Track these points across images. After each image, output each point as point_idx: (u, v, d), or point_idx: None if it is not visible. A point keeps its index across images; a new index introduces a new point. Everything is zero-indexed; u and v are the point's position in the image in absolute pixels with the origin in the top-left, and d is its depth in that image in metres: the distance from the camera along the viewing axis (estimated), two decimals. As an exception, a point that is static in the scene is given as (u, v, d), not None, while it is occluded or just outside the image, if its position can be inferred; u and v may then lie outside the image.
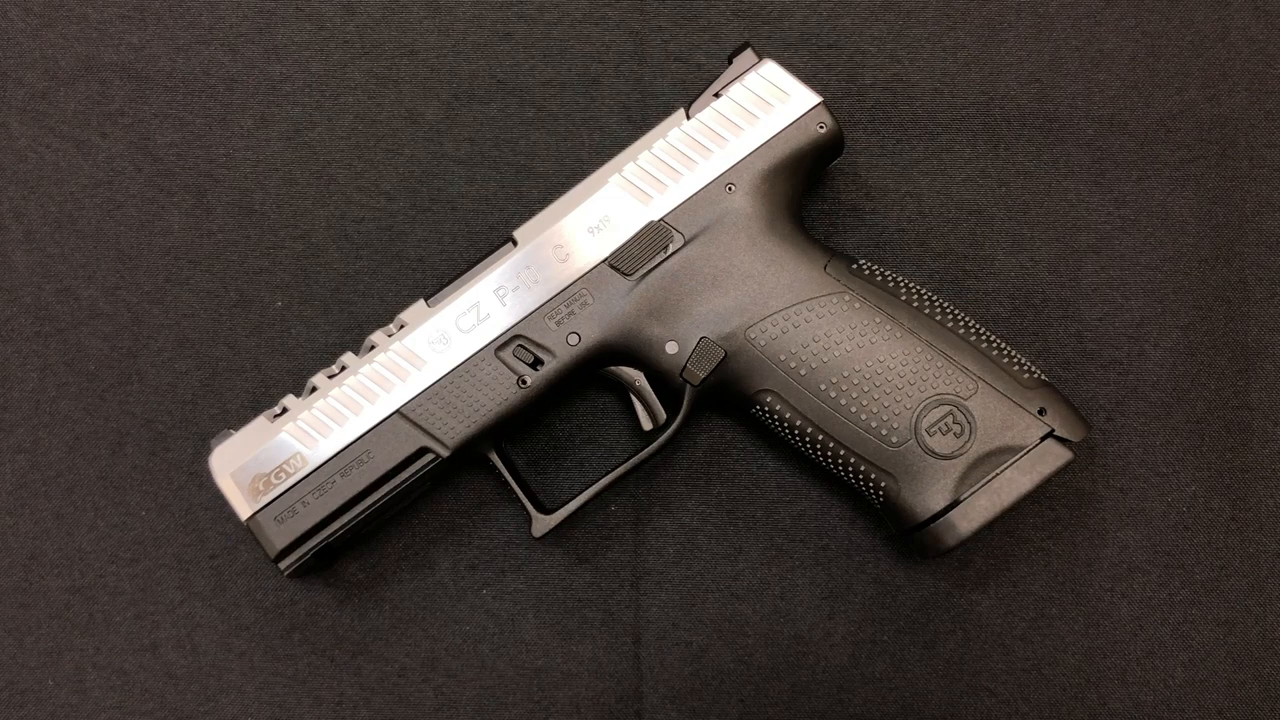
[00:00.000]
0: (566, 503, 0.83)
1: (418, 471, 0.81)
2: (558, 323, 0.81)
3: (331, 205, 0.92)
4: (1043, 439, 0.78)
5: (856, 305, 0.80)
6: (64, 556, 0.89)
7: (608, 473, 0.83)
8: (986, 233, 0.91)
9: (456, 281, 0.82)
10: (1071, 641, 0.87)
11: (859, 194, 0.91)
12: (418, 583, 0.89)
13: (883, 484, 0.79)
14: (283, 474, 0.80)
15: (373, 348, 0.82)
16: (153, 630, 0.89)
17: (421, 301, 0.82)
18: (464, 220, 0.92)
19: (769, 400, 0.80)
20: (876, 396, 0.79)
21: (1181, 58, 0.92)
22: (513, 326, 0.81)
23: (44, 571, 0.89)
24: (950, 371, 0.79)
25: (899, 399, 0.78)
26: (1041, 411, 0.78)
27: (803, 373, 0.79)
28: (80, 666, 0.88)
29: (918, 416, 0.78)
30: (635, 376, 0.84)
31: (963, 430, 0.78)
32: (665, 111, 0.84)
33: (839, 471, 0.81)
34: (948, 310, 0.81)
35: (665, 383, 0.82)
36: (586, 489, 0.83)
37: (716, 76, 0.83)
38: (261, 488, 0.80)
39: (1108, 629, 0.87)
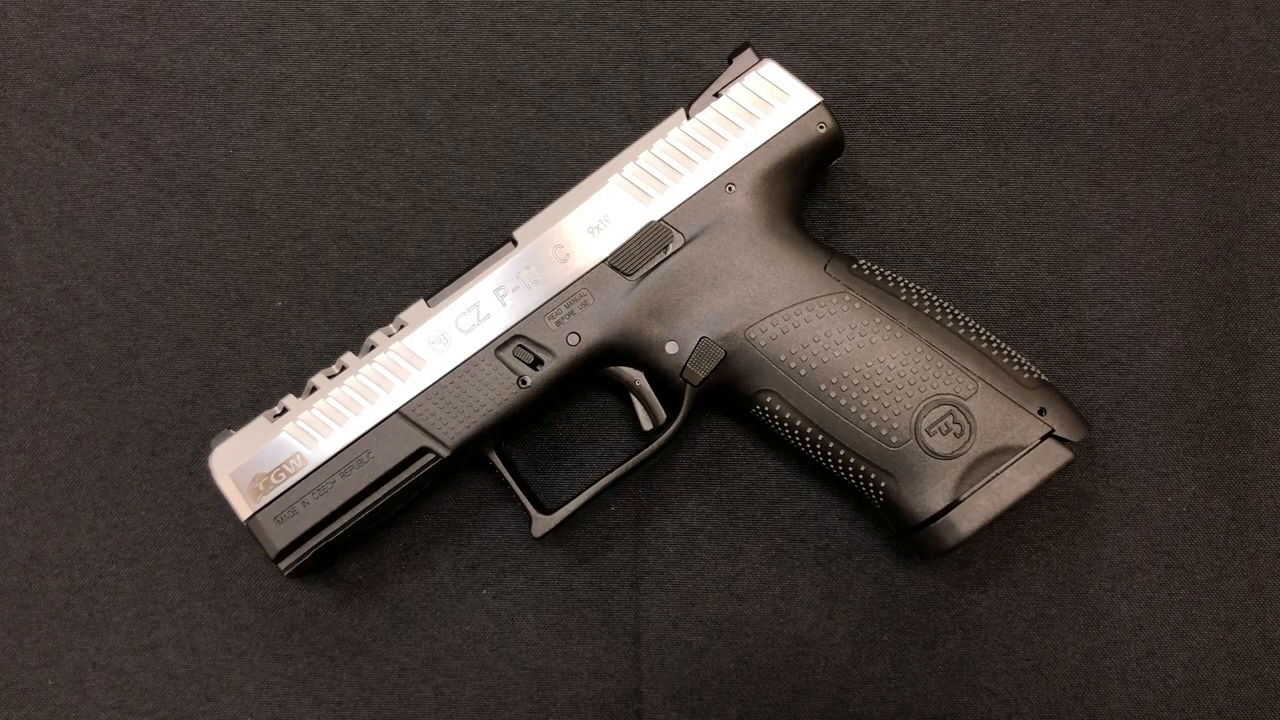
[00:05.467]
0: (566, 503, 0.83)
1: (418, 471, 0.81)
2: (558, 323, 0.81)
3: (331, 205, 0.92)
4: (1043, 439, 0.78)
5: (856, 305, 0.79)
6: (64, 556, 0.89)
7: (608, 473, 0.83)
8: (986, 233, 0.91)
9: (456, 281, 0.82)
10: (1071, 641, 0.87)
11: (859, 194, 0.91)
12: (418, 583, 0.89)
13: (883, 484, 0.79)
14: (283, 474, 0.80)
15: (373, 348, 0.82)
16: (153, 630, 0.89)
17: (421, 301, 0.82)
18: (464, 220, 0.92)
19: (769, 400, 0.80)
20: (876, 396, 0.79)
21: (1181, 58, 0.92)
22: (513, 326, 0.81)
23: (44, 571, 0.89)
24: (950, 371, 0.79)
25: (899, 399, 0.78)
26: (1041, 411, 0.78)
27: (803, 373, 0.79)
28: (80, 666, 0.88)
29: (918, 416, 0.78)
30: (635, 376, 0.84)
31: (963, 430, 0.78)
32: (665, 111, 0.84)
33: (839, 471, 0.81)
34: (948, 310, 0.81)
35: (665, 383, 0.82)
36: (586, 489, 0.83)
37: (716, 76, 0.83)
38: (261, 488, 0.80)
39: (1108, 629, 0.87)
